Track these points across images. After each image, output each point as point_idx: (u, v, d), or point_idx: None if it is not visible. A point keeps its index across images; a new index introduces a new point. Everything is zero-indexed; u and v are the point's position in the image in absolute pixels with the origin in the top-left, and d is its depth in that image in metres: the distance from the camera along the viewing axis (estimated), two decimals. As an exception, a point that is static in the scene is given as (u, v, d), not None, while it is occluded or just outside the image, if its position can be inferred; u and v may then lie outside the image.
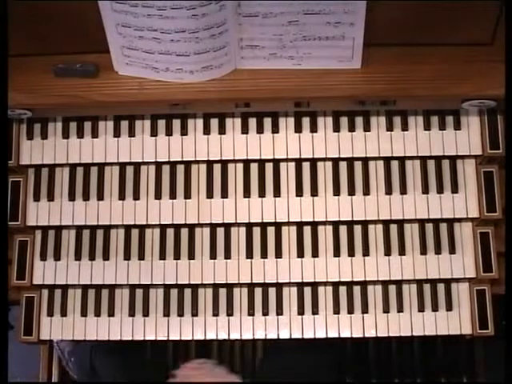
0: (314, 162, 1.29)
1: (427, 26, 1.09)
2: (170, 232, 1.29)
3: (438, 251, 1.26)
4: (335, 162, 1.28)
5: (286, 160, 1.28)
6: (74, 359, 1.53)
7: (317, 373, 1.36)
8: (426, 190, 1.26)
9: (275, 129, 1.27)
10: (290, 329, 1.27)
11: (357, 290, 1.27)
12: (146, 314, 1.28)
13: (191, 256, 1.28)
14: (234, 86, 1.14)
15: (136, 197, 1.28)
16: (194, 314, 1.27)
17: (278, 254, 1.25)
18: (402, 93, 1.14)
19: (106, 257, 1.28)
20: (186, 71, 1.11)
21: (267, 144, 1.27)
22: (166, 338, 1.27)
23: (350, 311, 1.26)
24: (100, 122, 1.30)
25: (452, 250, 1.26)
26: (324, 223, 1.28)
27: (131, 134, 1.29)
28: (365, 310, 1.26)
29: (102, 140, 1.29)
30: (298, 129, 1.27)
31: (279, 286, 1.28)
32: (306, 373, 1.35)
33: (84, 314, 1.29)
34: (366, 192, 1.26)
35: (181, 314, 1.28)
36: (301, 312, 1.27)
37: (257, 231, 1.28)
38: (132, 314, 1.28)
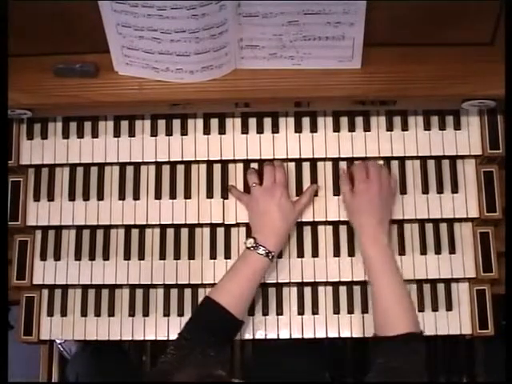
0: (313, 161, 1.29)
1: (427, 25, 1.09)
2: (170, 232, 1.29)
3: (437, 251, 1.26)
4: (335, 161, 1.28)
5: (286, 160, 1.28)
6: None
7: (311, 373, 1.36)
8: (425, 190, 1.26)
9: (275, 129, 1.27)
10: (289, 329, 1.27)
11: (357, 290, 1.27)
12: (145, 313, 1.28)
13: (191, 256, 1.28)
14: (234, 86, 1.14)
15: (136, 197, 1.28)
16: (194, 313, 1.27)
17: (278, 254, 1.25)
18: (402, 93, 1.14)
19: (105, 257, 1.28)
20: (186, 71, 1.11)
21: (267, 144, 1.27)
22: (166, 338, 1.27)
23: (350, 311, 1.26)
24: (100, 122, 1.30)
25: (452, 250, 1.26)
26: (324, 223, 1.28)
27: (131, 134, 1.29)
28: (365, 310, 1.26)
29: (101, 140, 1.29)
30: (298, 129, 1.27)
31: (279, 286, 1.28)
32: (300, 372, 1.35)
33: (84, 314, 1.29)
34: (366, 192, 1.26)
35: (181, 313, 1.28)
36: (301, 312, 1.27)
37: (257, 231, 1.28)
38: (132, 314, 1.28)
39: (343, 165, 1.28)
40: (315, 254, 1.26)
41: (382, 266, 1.16)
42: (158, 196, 1.28)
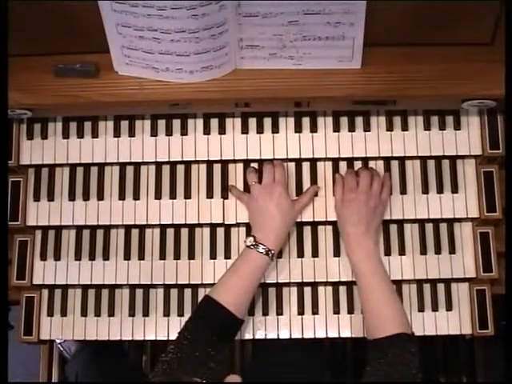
0: (313, 161, 1.29)
1: (427, 26, 1.09)
2: (170, 232, 1.29)
3: (437, 251, 1.26)
4: (335, 162, 1.28)
5: (286, 160, 1.28)
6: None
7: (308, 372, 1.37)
8: (426, 190, 1.26)
9: (275, 129, 1.27)
10: (289, 329, 1.27)
11: (357, 290, 1.27)
12: (146, 313, 1.28)
13: (191, 256, 1.28)
14: (234, 86, 1.14)
15: (136, 197, 1.28)
16: (194, 313, 1.27)
17: (278, 254, 1.25)
18: (402, 93, 1.13)
19: (105, 257, 1.28)
20: (186, 71, 1.11)
21: (267, 144, 1.27)
22: (166, 338, 1.27)
23: (350, 311, 1.26)
24: (100, 122, 1.30)
25: (452, 250, 1.26)
26: (324, 223, 1.28)
27: (131, 134, 1.29)
28: (365, 310, 1.26)
29: (101, 140, 1.29)
30: (298, 129, 1.27)
31: (279, 286, 1.28)
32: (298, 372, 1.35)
33: (84, 314, 1.29)
34: (366, 192, 1.26)
35: (181, 313, 1.28)
36: (301, 312, 1.27)
37: (257, 231, 1.28)
38: (132, 314, 1.28)
39: (343, 165, 1.28)
40: (315, 253, 1.26)
41: (368, 270, 1.17)
42: (158, 196, 1.28)
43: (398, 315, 1.13)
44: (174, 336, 1.12)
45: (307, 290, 1.28)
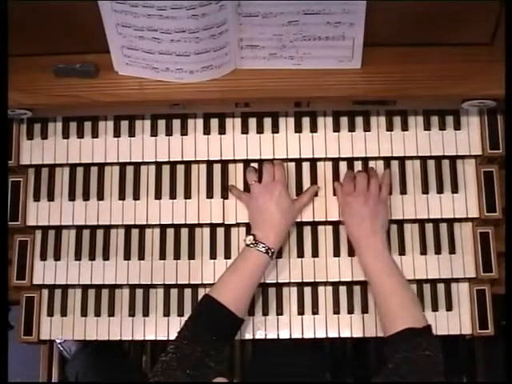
0: (313, 161, 1.29)
1: (427, 26, 1.09)
2: (170, 232, 1.29)
3: (437, 251, 1.26)
4: (335, 161, 1.28)
5: (286, 160, 1.28)
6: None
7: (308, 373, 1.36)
8: (425, 190, 1.26)
9: (275, 129, 1.27)
10: (290, 329, 1.27)
11: (357, 289, 1.27)
12: (146, 313, 1.28)
13: (191, 256, 1.28)
14: (234, 86, 1.14)
15: (136, 197, 1.28)
16: (194, 313, 1.27)
17: (278, 254, 1.25)
18: (402, 93, 1.14)
19: (106, 257, 1.28)
20: (186, 71, 1.11)
21: (267, 144, 1.27)
22: (166, 338, 1.27)
23: (350, 311, 1.26)
24: (100, 122, 1.30)
25: (452, 250, 1.26)
26: (324, 223, 1.28)
27: (131, 134, 1.29)
28: (365, 310, 1.26)
29: (101, 140, 1.29)
30: (298, 129, 1.27)
31: (279, 286, 1.28)
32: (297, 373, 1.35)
33: (84, 314, 1.29)
34: (366, 192, 1.26)
35: (181, 313, 1.28)
36: (301, 312, 1.27)
37: (257, 231, 1.28)
38: (132, 314, 1.28)
39: (343, 165, 1.28)
40: (315, 253, 1.26)
41: (377, 270, 1.16)
42: (158, 196, 1.28)
43: (409, 310, 1.12)
44: (173, 336, 1.12)
45: (307, 290, 1.28)
